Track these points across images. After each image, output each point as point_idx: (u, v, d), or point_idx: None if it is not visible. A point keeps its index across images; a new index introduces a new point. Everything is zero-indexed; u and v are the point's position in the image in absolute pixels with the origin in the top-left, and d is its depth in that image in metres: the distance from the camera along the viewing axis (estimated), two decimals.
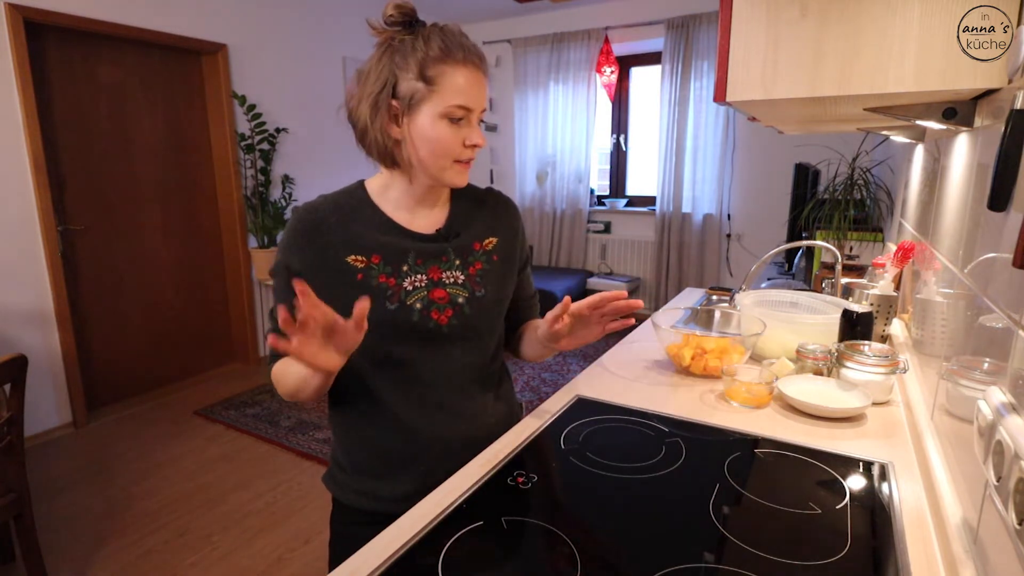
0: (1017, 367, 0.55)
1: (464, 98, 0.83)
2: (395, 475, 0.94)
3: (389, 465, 0.94)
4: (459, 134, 0.85)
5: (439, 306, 0.91)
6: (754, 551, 0.68)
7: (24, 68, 2.60)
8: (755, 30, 0.73)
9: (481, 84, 0.85)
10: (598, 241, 4.92)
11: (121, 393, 3.23)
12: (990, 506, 0.57)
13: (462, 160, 0.87)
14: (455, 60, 0.83)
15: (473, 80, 0.84)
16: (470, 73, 0.83)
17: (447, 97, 0.82)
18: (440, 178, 0.88)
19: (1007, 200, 0.59)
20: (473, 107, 0.84)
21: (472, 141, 0.86)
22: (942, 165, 1.17)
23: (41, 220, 2.74)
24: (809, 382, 1.12)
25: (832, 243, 2.08)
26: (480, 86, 0.85)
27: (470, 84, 0.83)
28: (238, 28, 3.49)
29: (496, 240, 0.99)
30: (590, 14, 4.53)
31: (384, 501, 0.93)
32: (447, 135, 0.84)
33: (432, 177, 0.88)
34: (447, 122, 0.83)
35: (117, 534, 2.13)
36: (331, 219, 0.89)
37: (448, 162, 0.86)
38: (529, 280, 1.11)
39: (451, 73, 0.82)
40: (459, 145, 0.85)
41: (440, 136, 0.84)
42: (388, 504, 0.91)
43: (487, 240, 0.98)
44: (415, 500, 0.79)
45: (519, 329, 1.10)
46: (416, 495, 0.81)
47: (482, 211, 0.99)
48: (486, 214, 1.00)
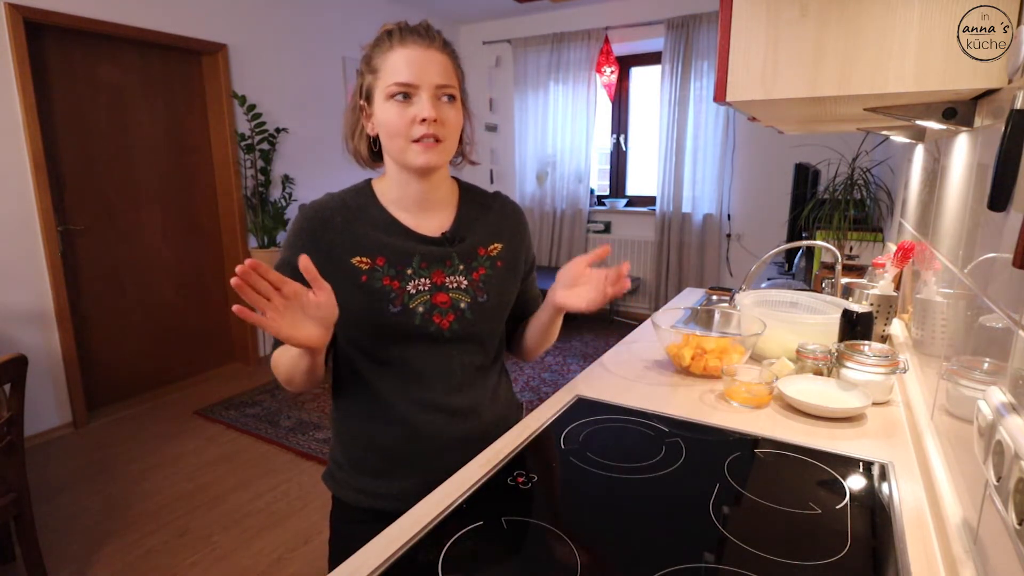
0: (1017, 367, 0.55)
1: (403, 75, 0.83)
2: (394, 473, 0.94)
3: (388, 463, 0.95)
4: (407, 113, 0.83)
5: (441, 310, 0.91)
6: (754, 551, 0.68)
7: (24, 68, 2.60)
8: (755, 30, 0.73)
9: (428, 60, 0.84)
10: (598, 241, 4.92)
11: (121, 393, 3.23)
12: (990, 506, 0.57)
13: (417, 139, 0.84)
14: (392, 43, 0.84)
15: (414, 57, 0.83)
16: (410, 51, 0.83)
17: (387, 78, 0.84)
18: (404, 161, 0.87)
19: (1007, 200, 0.59)
20: (416, 82, 0.83)
21: (420, 115, 0.83)
22: (942, 165, 1.17)
23: (41, 220, 2.74)
24: (809, 382, 1.12)
25: (832, 243, 2.08)
26: (426, 62, 0.83)
27: (410, 61, 0.83)
28: (238, 28, 3.49)
29: (501, 246, 0.99)
30: (590, 14, 4.53)
31: (383, 499, 0.94)
32: (394, 115, 0.84)
33: (400, 163, 0.88)
34: (393, 102, 0.84)
35: (117, 534, 2.13)
36: (337, 219, 0.90)
37: (404, 143, 0.85)
38: (534, 284, 1.11)
39: (391, 56, 0.84)
40: (408, 123, 0.84)
41: (388, 118, 0.84)
42: (387, 502, 0.92)
43: (492, 245, 0.98)
44: (414, 498, 0.79)
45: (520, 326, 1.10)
46: (415, 493, 0.81)
47: (489, 216, 0.99)
48: (492, 219, 0.99)
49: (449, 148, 0.89)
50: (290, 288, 0.73)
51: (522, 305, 1.08)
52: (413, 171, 0.88)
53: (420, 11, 4.69)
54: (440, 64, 0.85)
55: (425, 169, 0.87)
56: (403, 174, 0.90)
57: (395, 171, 0.91)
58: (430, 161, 0.86)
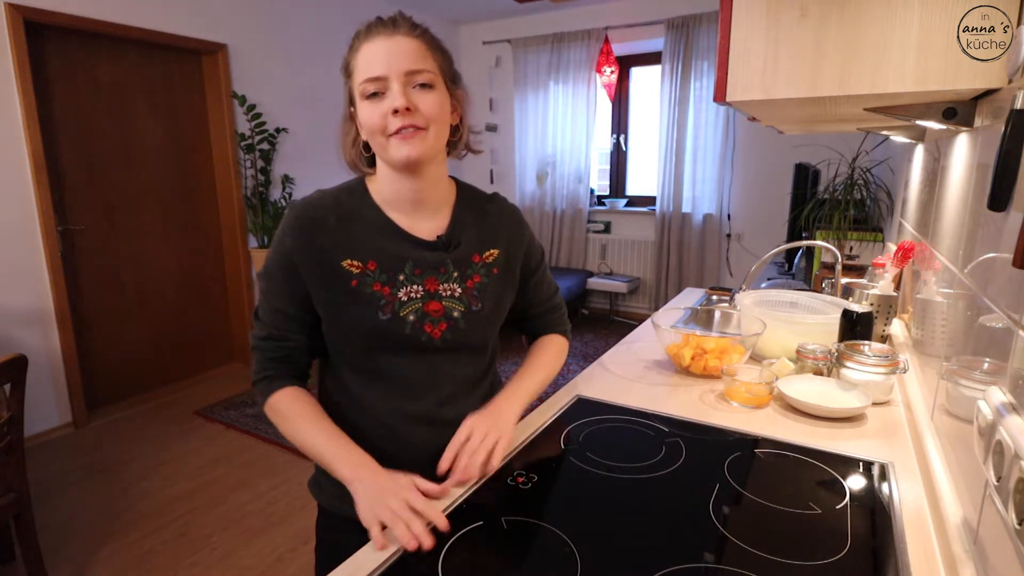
0: (1017, 367, 0.55)
1: (370, 70, 0.79)
2: None
3: None
4: (379, 108, 0.80)
5: (433, 319, 0.88)
6: (754, 551, 0.68)
7: (24, 68, 2.60)
8: (755, 30, 0.73)
9: (393, 47, 0.79)
10: (598, 241, 4.92)
11: (121, 393, 3.23)
12: (990, 506, 0.57)
13: (395, 132, 0.80)
14: (359, 40, 0.81)
15: (379, 48, 0.79)
16: (375, 44, 0.80)
17: (358, 77, 0.81)
18: (388, 159, 0.83)
19: (1007, 200, 0.59)
20: (383, 73, 0.78)
21: (392, 106, 0.78)
22: (942, 165, 1.17)
23: (41, 220, 2.74)
24: (809, 382, 1.12)
25: (832, 243, 2.08)
26: (392, 50, 0.79)
27: (376, 54, 0.79)
28: (238, 28, 3.49)
29: (497, 252, 0.94)
30: (590, 14, 4.53)
31: None
32: (368, 112, 0.81)
33: (386, 161, 0.85)
34: (367, 101, 0.80)
35: (117, 534, 2.12)
36: (330, 218, 0.86)
37: (382, 139, 0.81)
38: (544, 284, 1.06)
39: (359, 55, 0.81)
40: (382, 118, 0.80)
41: (365, 117, 0.81)
42: None
43: (488, 252, 0.93)
44: None
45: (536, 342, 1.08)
46: None
47: (486, 220, 0.95)
48: (490, 223, 0.95)
49: (433, 136, 0.82)
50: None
51: (534, 313, 1.06)
52: (399, 167, 0.83)
53: (420, 11, 4.69)
54: (408, 49, 0.79)
55: (408, 162, 0.81)
56: (394, 173, 0.86)
57: (386, 170, 0.87)
58: (411, 153, 0.80)
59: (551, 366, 1.04)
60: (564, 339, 1.10)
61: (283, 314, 0.88)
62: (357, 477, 0.79)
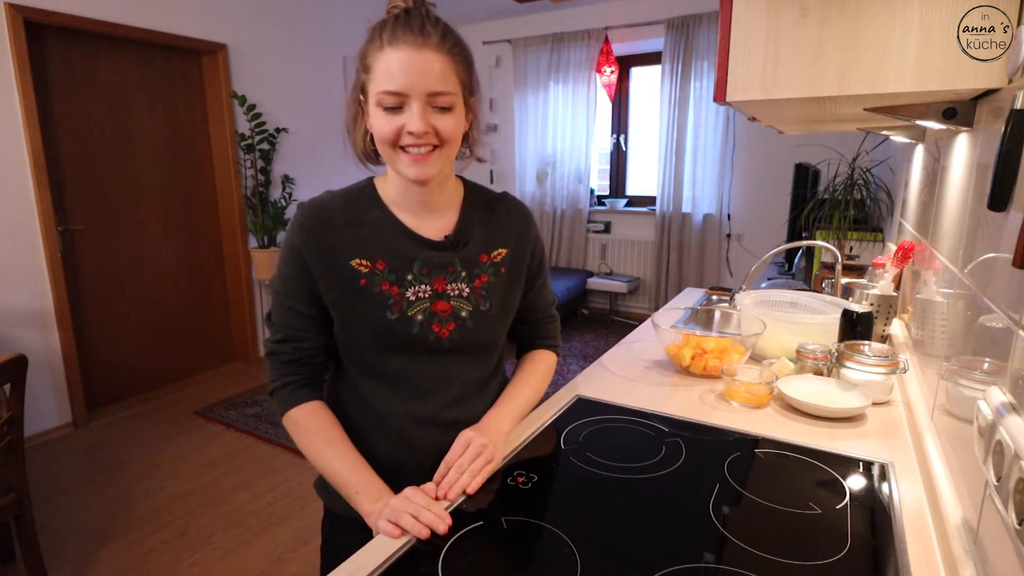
0: (1017, 367, 0.55)
1: (392, 83, 0.75)
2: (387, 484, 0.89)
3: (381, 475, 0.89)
4: (394, 122, 0.77)
5: (441, 319, 0.87)
6: (754, 551, 0.68)
7: (24, 68, 2.60)
8: (755, 30, 0.73)
9: (421, 64, 0.75)
10: (598, 241, 4.92)
11: (121, 393, 3.23)
12: (990, 506, 0.57)
13: (405, 147, 0.79)
14: (385, 42, 0.76)
15: (405, 61, 0.75)
16: (404, 55, 0.75)
17: (377, 84, 0.77)
18: (395, 169, 0.82)
19: (1007, 200, 0.59)
20: (406, 90, 0.75)
21: (408, 128, 0.76)
22: (942, 165, 1.17)
23: (41, 220, 2.74)
24: (809, 382, 1.12)
25: (832, 243, 2.07)
26: (419, 67, 0.75)
27: (403, 67, 0.75)
28: (238, 28, 3.49)
29: (505, 252, 0.94)
30: (590, 14, 4.53)
31: None
32: (381, 124, 0.78)
33: (394, 170, 0.84)
34: (382, 110, 0.77)
35: (117, 534, 2.12)
36: (338, 219, 0.86)
37: (392, 151, 0.80)
38: (544, 291, 1.06)
39: (382, 58, 0.76)
40: (395, 134, 0.78)
41: (379, 126, 0.79)
42: None
43: (496, 252, 0.93)
44: None
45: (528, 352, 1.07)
46: None
47: (494, 219, 0.94)
48: (498, 223, 0.95)
49: (446, 154, 0.82)
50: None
51: (530, 319, 1.05)
52: (403, 178, 0.83)
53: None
54: (435, 67, 0.76)
55: (418, 182, 0.82)
56: (401, 179, 0.85)
57: (394, 174, 0.86)
58: (421, 174, 0.80)
59: (541, 386, 1.04)
60: (555, 357, 1.10)
61: (299, 314, 0.88)
62: (377, 511, 0.78)
